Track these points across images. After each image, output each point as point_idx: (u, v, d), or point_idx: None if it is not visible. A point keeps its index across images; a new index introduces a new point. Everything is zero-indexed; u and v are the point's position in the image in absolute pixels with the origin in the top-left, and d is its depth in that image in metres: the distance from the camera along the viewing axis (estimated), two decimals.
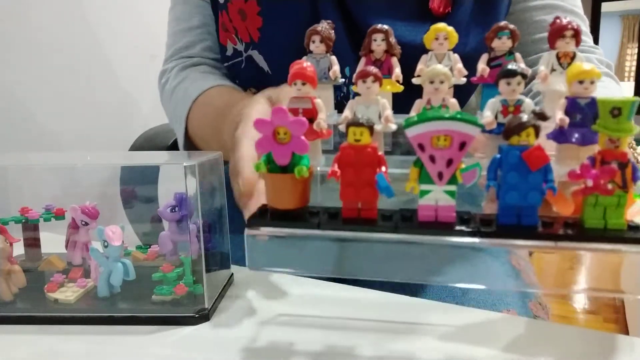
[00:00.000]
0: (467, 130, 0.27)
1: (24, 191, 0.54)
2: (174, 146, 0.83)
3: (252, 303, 0.45)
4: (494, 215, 0.29)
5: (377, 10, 0.57)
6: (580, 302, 2.03)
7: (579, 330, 0.40)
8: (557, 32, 0.33)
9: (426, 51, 0.38)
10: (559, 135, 0.30)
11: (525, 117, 0.27)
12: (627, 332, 1.63)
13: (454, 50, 0.38)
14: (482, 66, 0.36)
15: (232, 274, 0.50)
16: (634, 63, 6.04)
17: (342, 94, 0.60)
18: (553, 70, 0.34)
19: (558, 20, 0.34)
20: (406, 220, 0.30)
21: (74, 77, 1.31)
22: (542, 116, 0.29)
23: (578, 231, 0.28)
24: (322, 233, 0.30)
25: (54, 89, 1.26)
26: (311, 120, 0.33)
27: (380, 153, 0.30)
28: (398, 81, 0.39)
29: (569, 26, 0.33)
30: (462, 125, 0.27)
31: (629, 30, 6.18)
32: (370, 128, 0.29)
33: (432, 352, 0.36)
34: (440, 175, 0.28)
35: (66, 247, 0.52)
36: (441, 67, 0.31)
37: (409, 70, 0.38)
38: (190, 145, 0.67)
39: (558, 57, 0.34)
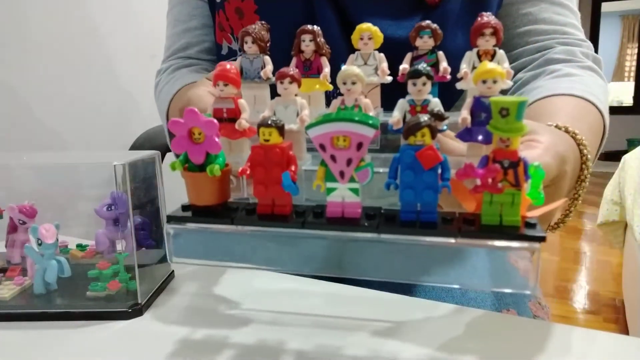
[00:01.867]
0: (363, 132, 0.29)
1: None
2: None
3: (190, 298, 0.47)
4: (398, 212, 0.30)
5: (370, 4, 0.57)
6: (580, 302, 2.03)
7: (579, 330, 0.39)
8: (476, 30, 0.34)
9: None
10: (466, 134, 0.31)
11: (422, 117, 0.28)
12: (627, 332, 1.63)
13: (444, 43, 0.38)
14: (404, 66, 0.37)
15: (172, 270, 0.52)
16: (634, 63, 6.04)
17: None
18: (474, 68, 0.34)
19: (479, 19, 0.34)
20: (317, 216, 0.31)
21: (74, 77, 1.31)
22: (439, 117, 0.30)
23: (474, 227, 0.29)
24: (236, 228, 0.32)
25: (54, 89, 1.26)
26: (235, 119, 0.35)
27: (291, 152, 0.31)
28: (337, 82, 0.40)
29: (489, 24, 0.33)
30: (359, 127, 0.28)
31: (629, 30, 6.18)
32: (279, 128, 0.30)
33: (431, 352, 0.36)
34: (342, 174, 0.30)
35: (6, 246, 0.53)
36: (352, 69, 0.32)
37: (394, 65, 0.38)
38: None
39: (479, 55, 0.34)
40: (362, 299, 0.46)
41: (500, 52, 0.35)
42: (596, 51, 0.62)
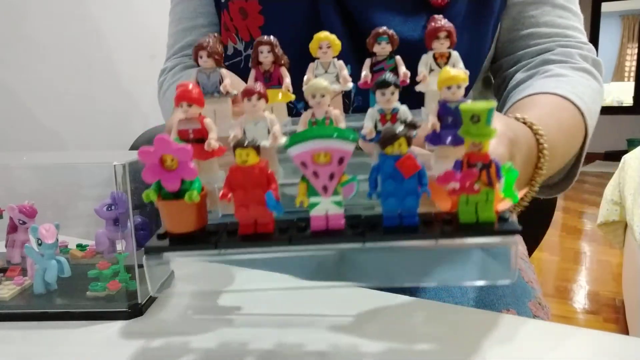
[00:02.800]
0: (343, 147, 0.29)
1: None
2: None
3: (190, 298, 0.47)
4: (380, 219, 0.31)
5: (376, 6, 0.57)
6: (580, 302, 2.03)
7: (579, 330, 0.39)
8: (431, 33, 0.35)
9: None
10: (434, 138, 0.33)
11: (398, 128, 0.29)
12: (627, 332, 1.63)
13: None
14: (364, 72, 0.38)
15: (172, 270, 0.51)
16: (634, 63, 6.04)
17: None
18: (431, 70, 0.36)
19: (433, 23, 0.36)
20: (300, 230, 0.31)
21: (74, 77, 1.31)
22: (412, 125, 0.31)
23: (454, 227, 0.30)
24: (220, 253, 0.31)
25: (54, 89, 1.26)
26: (203, 140, 0.34)
27: (269, 170, 0.31)
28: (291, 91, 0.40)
29: (442, 28, 0.35)
30: (339, 142, 0.29)
31: (629, 30, 6.18)
32: (256, 148, 0.30)
33: (431, 352, 0.36)
34: (325, 189, 0.30)
35: (6, 246, 0.53)
36: (320, 82, 0.32)
37: (408, 66, 0.38)
38: None
39: (435, 58, 0.36)
40: (362, 298, 0.46)
41: (455, 54, 0.37)
42: (596, 51, 0.62)
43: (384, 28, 0.38)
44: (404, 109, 0.33)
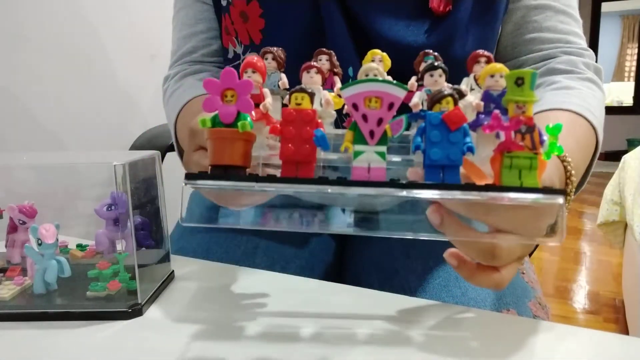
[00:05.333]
0: (395, 92, 0.30)
1: None
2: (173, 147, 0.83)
3: (190, 298, 0.47)
4: (422, 177, 0.32)
5: (379, 10, 0.57)
6: (580, 302, 2.03)
7: (579, 330, 0.40)
8: (473, 57, 0.38)
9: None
10: (474, 123, 0.34)
11: (445, 90, 0.31)
12: (627, 332, 1.63)
13: (453, 51, 0.38)
14: (412, 82, 0.39)
15: (172, 270, 0.52)
16: (634, 63, 6.04)
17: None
18: (472, 89, 0.39)
19: (475, 52, 0.38)
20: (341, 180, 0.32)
21: (73, 77, 1.31)
22: (459, 92, 0.33)
23: (498, 188, 0.30)
24: (258, 186, 0.31)
25: (53, 89, 1.26)
26: (257, 105, 0.36)
27: (319, 120, 0.32)
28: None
29: (483, 54, 0.37)
30: (391, 88, 0.31)
31: (629, 30, 6.19)
32: (311, 95, 0.32)
33: (431, 353, 0.36)
34: (371, 134, 0.31)
35: (6, 246, 0.53)
36: (372, 64, 0.35)
37: (408, 70, 0.39)
38: (181, 150, 0.67)
39: (475, 79, 0.39)
40: (362, 298, 0.46)
41: None
42: (596, 51, 0.63)
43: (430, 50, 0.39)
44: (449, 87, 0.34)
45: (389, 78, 0.40)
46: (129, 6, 1.47)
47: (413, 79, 0.38)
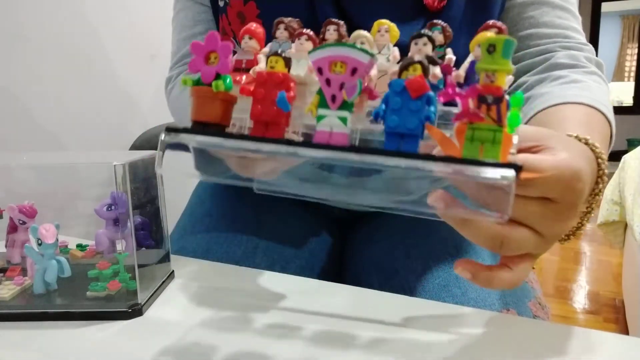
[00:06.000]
0: (359, 57, 0.30)
1: None
2: None
3: (190, 299, 0.47)
4: (381, 144, 0.31)
5: (374, 11, 0.57)
6: (580, 302, 2.03)
7: (579, 330, 0.40)
8: (484, 28, 0.37)
9: None
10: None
11: (415, 57, 0.31)
12: (627, 332, 1.63)
13: (449, 46, 0.39)
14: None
15: (172, 270, 0.52)
16: (634, 63, 6.04)
17: None
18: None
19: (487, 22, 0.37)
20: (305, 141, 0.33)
21: (73, 77, 1.31)
22: (432, 60, 0.32)
23: (455, 160, 0.29)
24: (231, 143, 0.32)
25: (53, 89, 1.26)
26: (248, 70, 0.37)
27: (292, 84, 0.33)
28: None
29: (494, 25, 0.36)
30: (356, 53, 0.30)
31: (629, 30, 6.19)
32: (286, 60, 0.33)
33: (431, 353, 0.36)
34: (333, 98, 0.31)
35: (6, 246, 0.53)
36: (361, 31, 0.37)
37: None
38: None
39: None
40: (362, 299, 0.46)
41: None
42: (596, 51, 0.62)
43: (440, 21, 0.39)
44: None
45: (375, 50, 0.40)
46: (129, 6, 1.47)
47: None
